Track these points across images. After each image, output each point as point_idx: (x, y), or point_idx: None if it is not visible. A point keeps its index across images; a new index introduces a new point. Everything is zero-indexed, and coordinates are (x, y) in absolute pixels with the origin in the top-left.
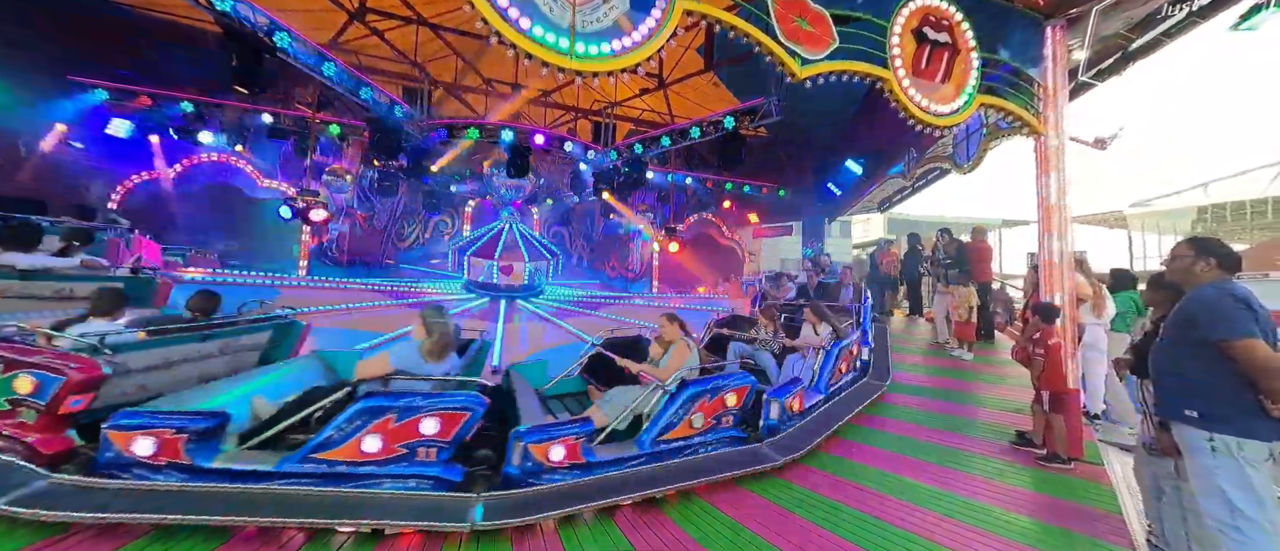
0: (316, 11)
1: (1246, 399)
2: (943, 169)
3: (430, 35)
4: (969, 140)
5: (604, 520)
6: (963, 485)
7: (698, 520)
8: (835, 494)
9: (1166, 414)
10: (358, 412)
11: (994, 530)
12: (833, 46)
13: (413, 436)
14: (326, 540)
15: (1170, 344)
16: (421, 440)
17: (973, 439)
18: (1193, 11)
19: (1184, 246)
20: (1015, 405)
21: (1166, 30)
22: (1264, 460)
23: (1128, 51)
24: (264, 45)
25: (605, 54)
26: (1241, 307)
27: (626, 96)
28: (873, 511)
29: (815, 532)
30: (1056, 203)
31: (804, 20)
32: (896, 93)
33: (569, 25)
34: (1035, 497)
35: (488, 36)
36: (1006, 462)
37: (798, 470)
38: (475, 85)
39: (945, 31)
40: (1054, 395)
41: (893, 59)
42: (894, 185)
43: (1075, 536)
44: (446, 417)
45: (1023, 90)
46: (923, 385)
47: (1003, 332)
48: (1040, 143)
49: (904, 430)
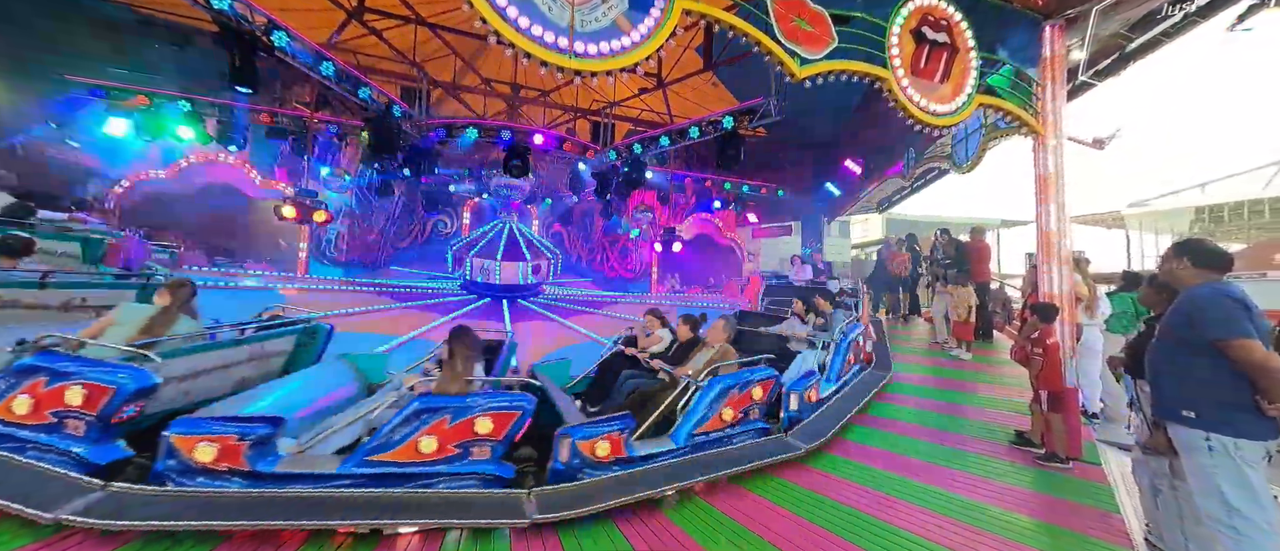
0: (314, 11)
1: (1243, 398)
2: (942, 169)
3: (428, 34)
4: (968, 140)
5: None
6: (961, 484)
7: (697, 520)
8: (832, 492)
9: (1163, 414)
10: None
11: (992, 529)
12: (832, 46)
13: (467, 436)
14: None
15: (1167, 344)
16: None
17: (971, 438)
18: (1191, 12)
19: (1177, 247)
20: (1014, 405)
21: (1164, 30)
22: (1261, 459)
23: (1126, 51)
24: (262, 44)
25: (604, 54)
26: (1237, 307)
27: (625, 96)
28: (870, 509)
29: (810, 529)
30: (1055, 228)
31: (803, 20)
32: (895, 92)
33: (568, 25)
34: (1034, 497)
35: (486, 36)
36: (1005, 462)
37: (795, 468)
38: (474, 85)
39: (944, 31)
40: (1052, 394)
41: (892, 59)
42: (893, 185)
43: (1073, 535)
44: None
45: (1021, 90)
46: (922, 384)
47: (1002, 332)
48: (1038, 163)
49: (902, 429)
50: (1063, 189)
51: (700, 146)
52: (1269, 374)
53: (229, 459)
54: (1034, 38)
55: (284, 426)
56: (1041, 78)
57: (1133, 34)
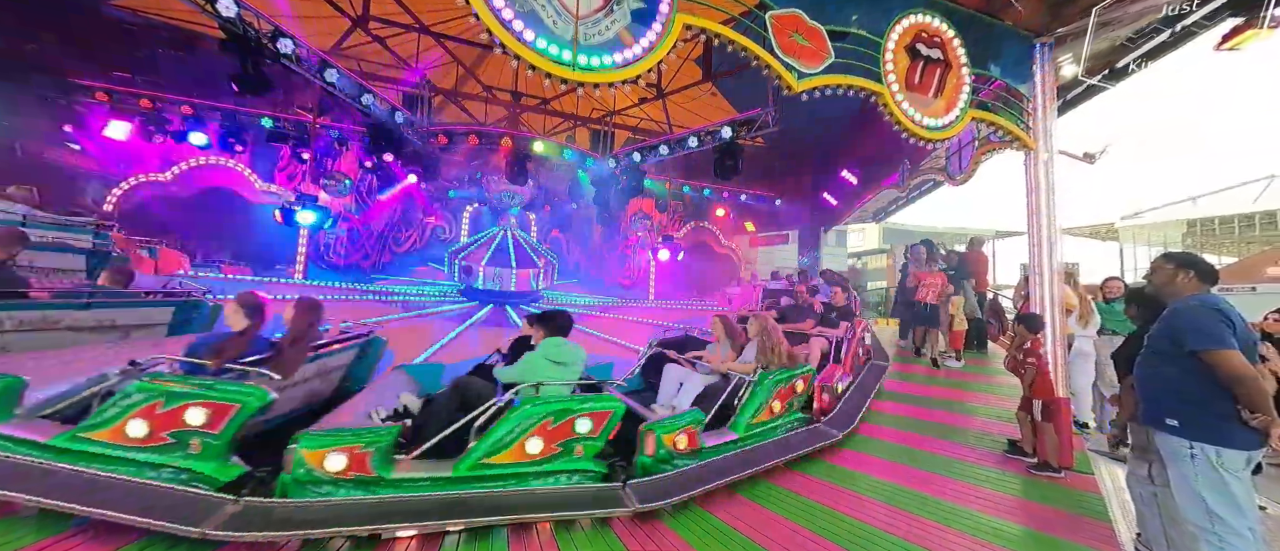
0: (319, 18)
1: (1226, 408)
2: (936, 180)
3: (431, 42)
4: (961, 153)
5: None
6: (953, 493)
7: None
8: (826, 499)
9: (1148, 422)
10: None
11: (984, 537)
12: (828, 61)
13: (568, 435)
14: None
15: (1152, 354)
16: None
17: (964, 447)
18: (1177, 32)
19: (1164, 260)
20: (1007, 414)
21: (1154, 47)
22: (1242, 468)
23: (1116, 68)
24: (267, 51)
25: (607, 66)
26: (1220, 319)
27: (625, 105)
28: (863, 517)
29: (804, 535)
30: (1047, 240)
31: (800, 35)
32: (890, 106)
33: (572, 38)
34: (1026, 505)
35: (492, 47)
36: (998, 471)
37: (790, 476)
38: (475, 93)
39: (938, 48)
40: (1044, 404)
41: (887, 74)
42: (889, 195)
43: (1065, 544)
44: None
45: (1013, 105)
46: (915, 393)
47: (996, 342)
48: (1030, 175)
49: (896, 438)
50: (1054, 201)
51: (699, 155)
52: (1247, 384)
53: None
54: (1026, 54)
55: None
56: (1033, 93)
57: (1123, 51)
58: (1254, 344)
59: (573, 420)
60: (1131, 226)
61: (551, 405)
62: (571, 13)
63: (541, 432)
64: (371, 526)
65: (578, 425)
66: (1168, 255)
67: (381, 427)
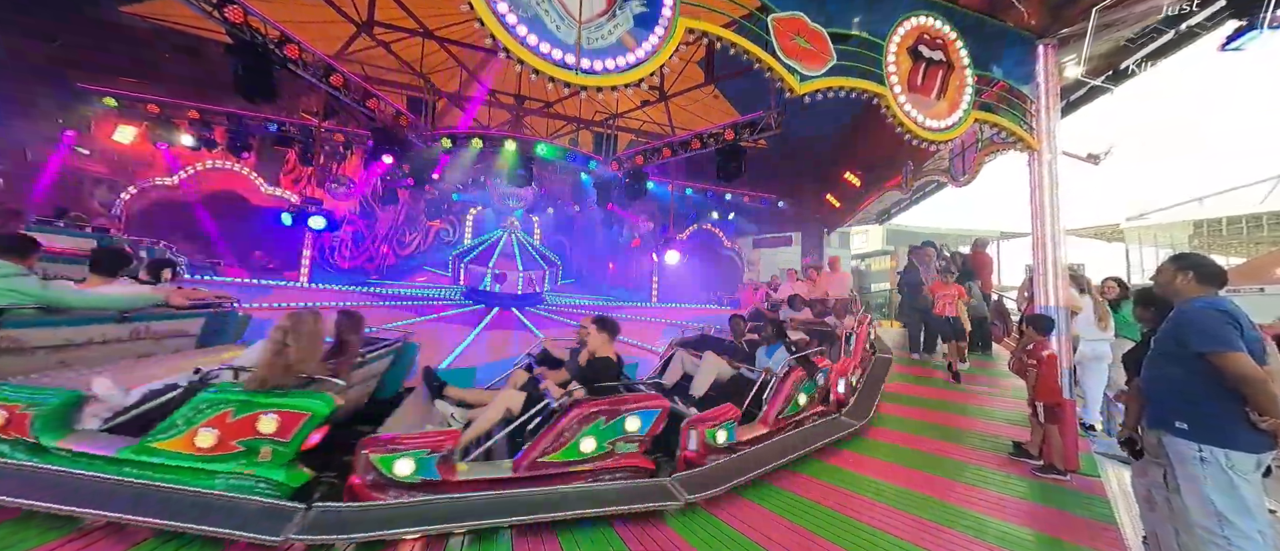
0: (324, 23)
1: (1234, 411)
2: (939, 182)
3: (435, 46)
4: (965, 154)
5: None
6: (959, 495)
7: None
8: (829, 502)
9: (1156, 425)
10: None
11: (989, 540)
12: (831, 64)
13: (618, 434)
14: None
15: (1160, 357)
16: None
17: (970, 449)
18: (1182, 33)
19: (1171, 262)
20: (1012, 416)
21: (1159, 47)
22: (1252, 471)
23: (1120, 69)
24: (273, 57)
25: (610, 70)
26: (1227, 321)
27: (628, 108)
28: (868, 520)
29: (808, 538)
30: (1051, 241)
31: (802, 38)
32: (893, 108)
33: (575, 42)
34: (1031, 508)
35: (496, 52)
36: (1003, 474)
37: (793, 477)
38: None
39: (940, 49)
40: (1049, 406)
41: (889, 76)
42: (892, 197)
43: (1070, 547)
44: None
45: (1016, 106)
46: (920, 396)
47: (1000, 343)
48: (1033, 176)
49: (900, 440)
50: (1058, 202)
51: (702, 157)
52: (1255, 386)
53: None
54: (1028, 56)
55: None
56: (1035, 94)
57: (1126, 51)
58: (1261, 346)
59: (624, 419)
60: (1137, 227)
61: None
62: (574, 17)
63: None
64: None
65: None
66: (1175, 257)
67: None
